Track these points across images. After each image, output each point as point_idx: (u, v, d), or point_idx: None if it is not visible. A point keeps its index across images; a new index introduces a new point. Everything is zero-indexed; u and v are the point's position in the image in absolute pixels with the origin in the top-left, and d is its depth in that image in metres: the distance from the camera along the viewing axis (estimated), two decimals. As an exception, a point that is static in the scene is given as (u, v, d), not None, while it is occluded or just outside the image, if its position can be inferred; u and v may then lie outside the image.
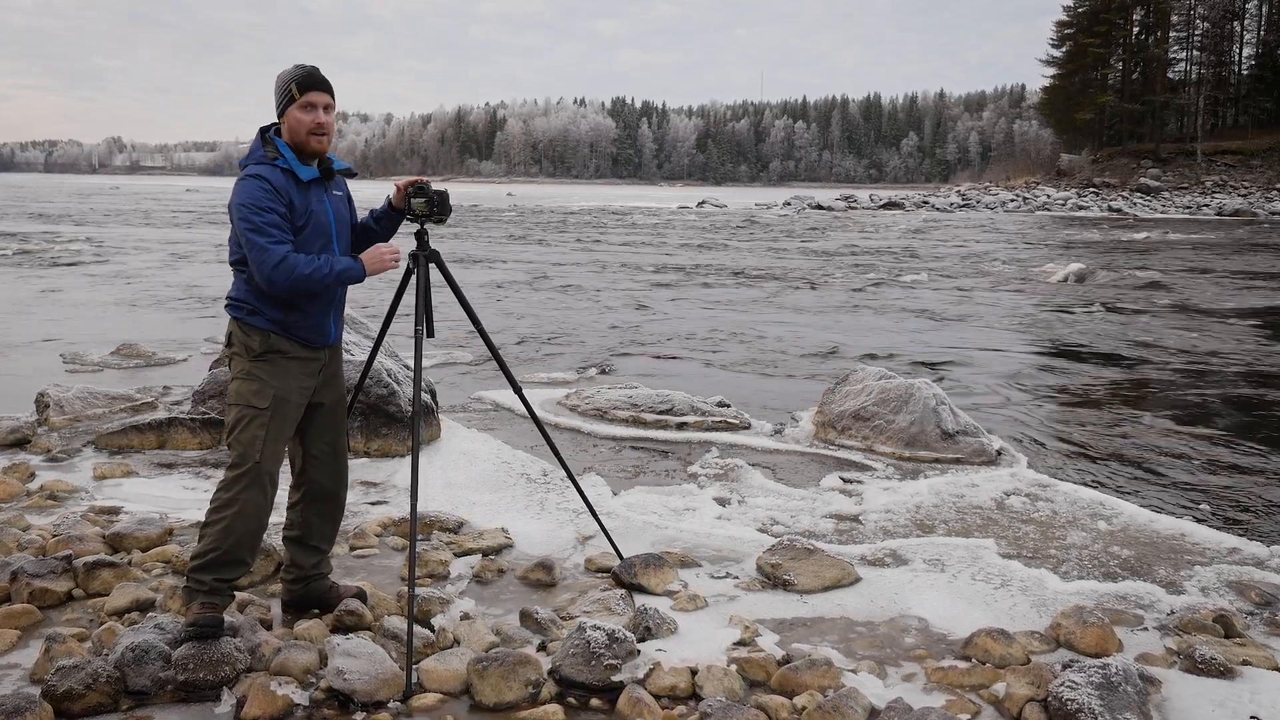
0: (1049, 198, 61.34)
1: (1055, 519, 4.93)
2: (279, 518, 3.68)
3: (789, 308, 14.32)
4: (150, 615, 3.45)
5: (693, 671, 3.15)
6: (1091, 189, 64.56)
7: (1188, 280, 18.57)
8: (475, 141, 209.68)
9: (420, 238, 3.53)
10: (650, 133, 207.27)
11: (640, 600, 3.73)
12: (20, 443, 5.88)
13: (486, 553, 4.30)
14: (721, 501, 5.15)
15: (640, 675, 3.11)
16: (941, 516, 4.95)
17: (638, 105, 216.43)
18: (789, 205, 59.50)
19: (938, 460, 5.99)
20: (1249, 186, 61.97)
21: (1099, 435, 6.99)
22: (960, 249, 27.03)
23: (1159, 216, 50.23)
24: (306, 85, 3.24)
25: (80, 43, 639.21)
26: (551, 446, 4.04)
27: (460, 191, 76.95)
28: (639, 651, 3.22)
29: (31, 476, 5.26)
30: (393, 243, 3.49)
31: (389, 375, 5.89)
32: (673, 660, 3.23)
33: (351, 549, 4.30)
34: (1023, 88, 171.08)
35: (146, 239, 26.40)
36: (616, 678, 3.09)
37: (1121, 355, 10.44)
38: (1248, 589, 4.01)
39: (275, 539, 3.87)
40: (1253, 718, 2.93)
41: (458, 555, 4.25)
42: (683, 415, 6.87)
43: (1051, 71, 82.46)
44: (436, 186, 3.50)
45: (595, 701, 3.04)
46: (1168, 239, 32.02)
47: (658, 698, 3.03)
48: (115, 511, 4.68)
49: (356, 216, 3.58)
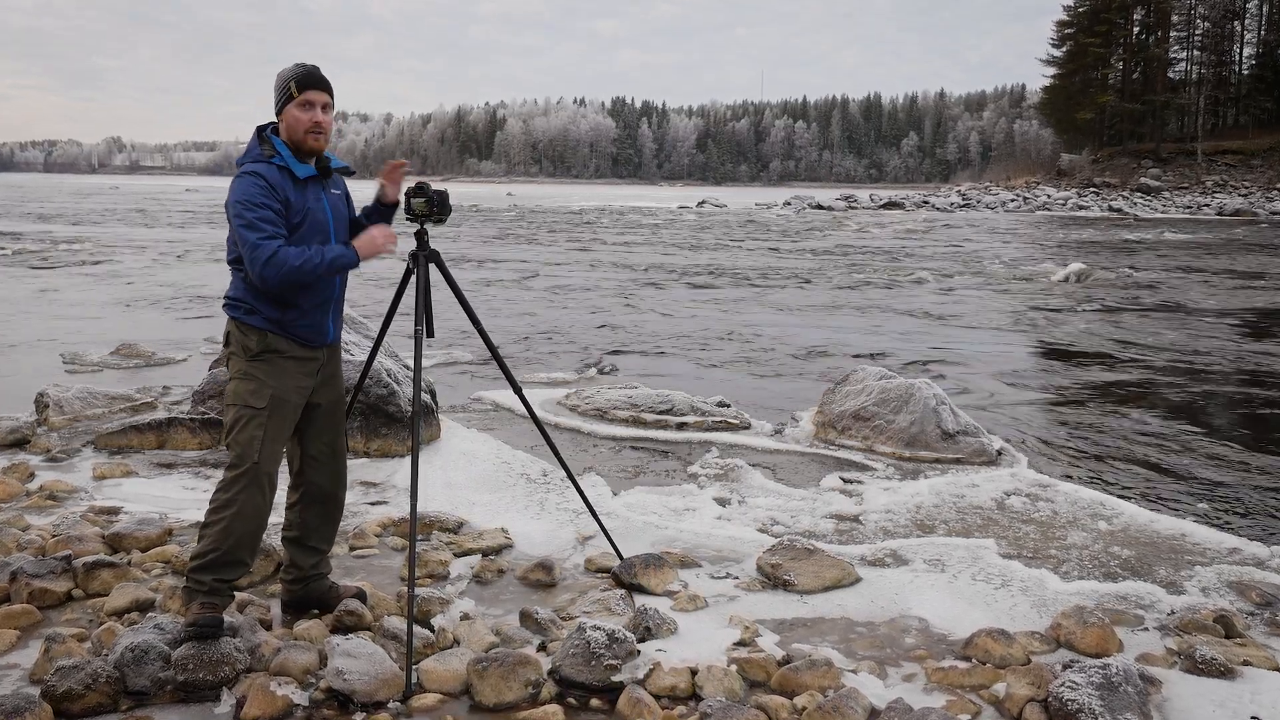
0: (1049, 198, 61.34)
1: (1055, 519, 4.93)
2: (278, 518, 3.67)
3: (789, 308, 14.32)
4: (150, 615, 3.45)
5: (693, 672, 3.15)
6: (1092, 189, 64.57)
7: (1188, 280, 18.58)
8: (475, 141, 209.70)
9: (420, 238, 3.53)
10: (650, 132, 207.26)
11: (640, 600, 3.72)
12: (20, 443, 5.87)
13: (486, 553, 4.29)
14: (721, 501, 5.14)
15: (640, 675, 3.11)
16: (942, 516, 4.95)
17: (638, 105, 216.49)
18: (789, 205, 59.49)
19: (938, 460, 5.98)
20: (1249, 186, 62.00)
21: (1099, 435, 6.98)
22: (960, 249, 27.03)
23: (1159, 216, 50.24)
24: (305, 83, 3.24)
25: (80, 43, 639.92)
26: (551, 446, 4.04)
27: (460, 191, 76.95)
28: (639, 652, 3.22)
29: (31, 476, 5.26)
30: (389, 228, 3.43)
31: (389, 375, 5.89)
32: (673, 660, 3.23)
33: (351, 549, 4.29)
34: (1023, 87, 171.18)
35: (145, 239, 26.40)
36: (616, 678, 3.08)
37: (1122, 355, 10.44)
38: (1248, 589, 4.01)
39: (275, 539, 3.87)
40: (1253, 718, 2.93)
41: (457, 555, 4.25)
42: (683, 415, 6.87)
43: (1052, 71, 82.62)
44: (436, 186, 3.50)
45: (595, 702, 3.03)
46: (1168, 239, 32.02)
47: (658, 698, 3.03)
48: (115, 512, 4.68)
49: (355, 215, 3.57)
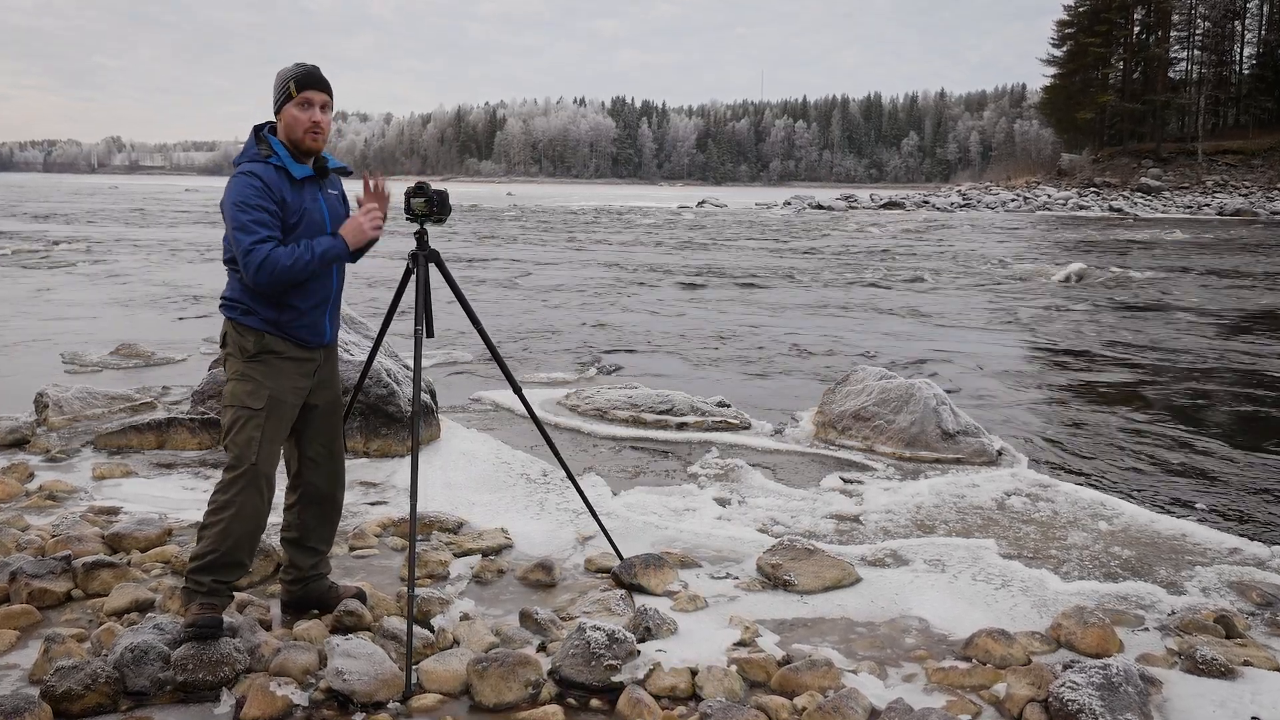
0: (1050, 197, 61.31)
1: (1056, 519, 4.93)
2: (278, 518, 3.67)
3: (789, 307, 14.31)
4: (149, 616, 3.44)
5: (693, 672, 3.15)
6: (1092, 189, 64.55)
7: (1188, 280, 18.57)
8: (475, 141, 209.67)
9: (420, 237, 3.53)
10: (650, 132, 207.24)
11: (640, 601, 3.72)
12: (19, 443, 5.87)
13: (486, 553, 4.29)
14: (722, 502, 5.14)
15: (640, 676, 3.11)
16: (942, 517, 4.94)
17: (638, 105, 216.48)
18: (789, 205, 59.48)
19: (938, 460, 5.98)
20: (1250, 186, 62.00)
21: (1100, 435, 6.98)
22: (961, 249, 27.03)
23: (1160, 216, 50.25)
24: (304, 83, 3.24)
25: (80, 43, 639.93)
26: (551, 446, 4.04)
27: (460, 191, 76.97)
28: (639, 652, 3.22)
29: (30, 477, 5.25)
30: (374, 212, 3.30)
31: (389, 375, 5.89)
32: (673, 661, 3.22)
33: (351, 549, 4.29)
34: (1023, 87, 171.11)
35: (143, 238, 26.39)
36: (616, 678, 3.08)
37: (1122, 355, 10.44)
38: (1249, 589, 4.01)
39: (274, 539, 3.87)
40: (1254, 718, 2.93)
41: (457, 556, 4.24)
42: (683, 415, 6.87)
43: (1052, 71, 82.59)
44: (436, 186, 3.50)
45: (595, 702, 3.03)
46: (1169, 239, 32.01)
47: (658, 698, 3.02)
48: (114, 512, 4.68)
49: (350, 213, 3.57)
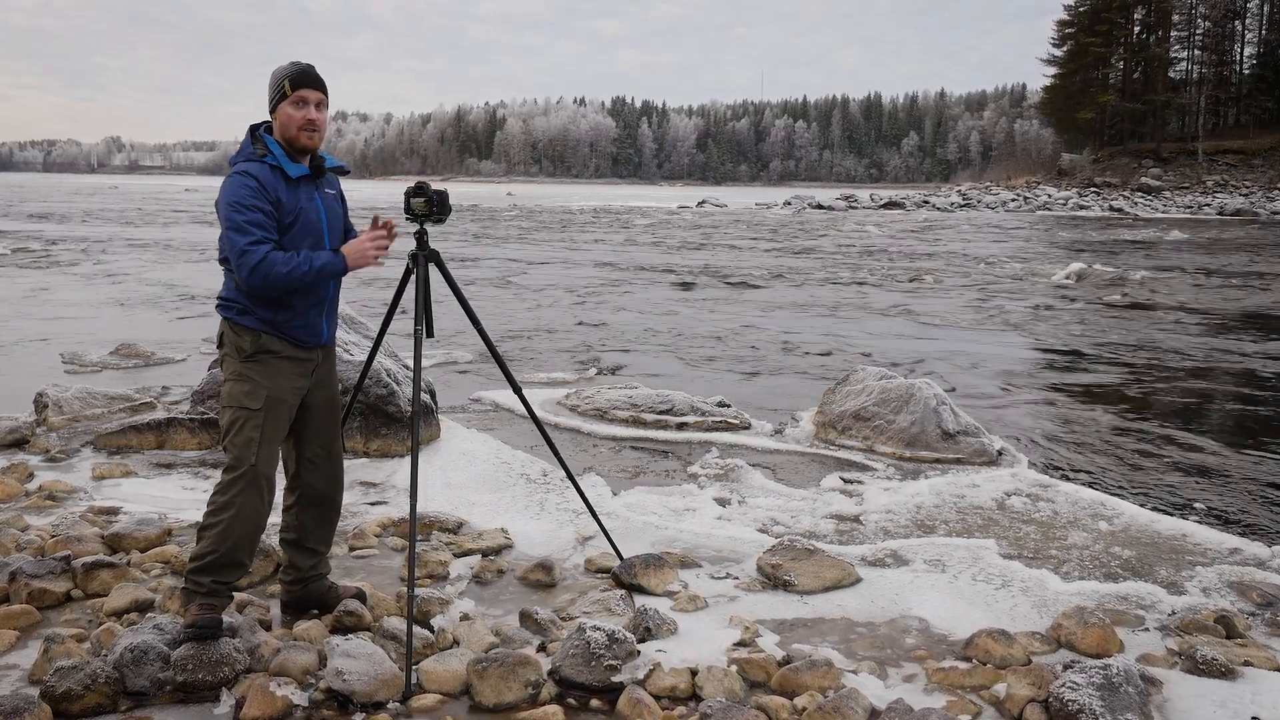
0: (1050, 197, 61.30)
1: (1056, 519, 4.92)
2: (277, 518, 3.67)
3: (788, 307, 14.31)
4: (149, 616, 3.44)
5: (693, 672, 3.14)
6: (1093, 189, 64.54)
7: (1188, 280, 18.57)
8: (475, 141, 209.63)
9: (420, 237, 3.53)
10: (650, 132, 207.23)
11: (640, 601, 3.72)
12: (19, 443, 5.87)
13: (486, 553, 4.29)
14: (722, 502, 5.14)
15: (640, 676, 3.10)
16: (942, 517, 4.94)
17: (638, 105, 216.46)
18: (789, 205, 59.47)
19: (938, 460, 5.98)
20: (1250, 186, 61.99)
21: (1100, 435, 6.98)
22: (961, 249, 27.02)
23: (1160, 216, 50.24)
24: (299, 82, 3.23)
25: (80, 42, 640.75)
26: (551, 446, 4.04)
27: (460, 191, 76.98)
28: (639, 652, 3.22)
29: (30, 477, 5.25)
30: (381, 240, 3.28)
31: (388, 375, 5.89)
32: (673, 661, 3.22)
33: (351, 549, 4.29)
34: (1023, 87, 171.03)
35: (143, 238, 26.39)
36: (616, 678, 3.08)
37: (1122, 355, 10.44)
38: (1249, 589, 4.00)
39: (274, 540, 3.86)
40: (1254, 718, 2.92)
41: (457, 556, 4.24)
42: (683, 415, 6.86)
43: (1052, 71, 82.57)
44: (436, 186, 3.50)
45: (595, 702, 3.03)
46: (1169, 239, 32.01)
47: (658, 698, 3.02)
48: (114, 512, 4.67)
49: (349, 214, 3.56)
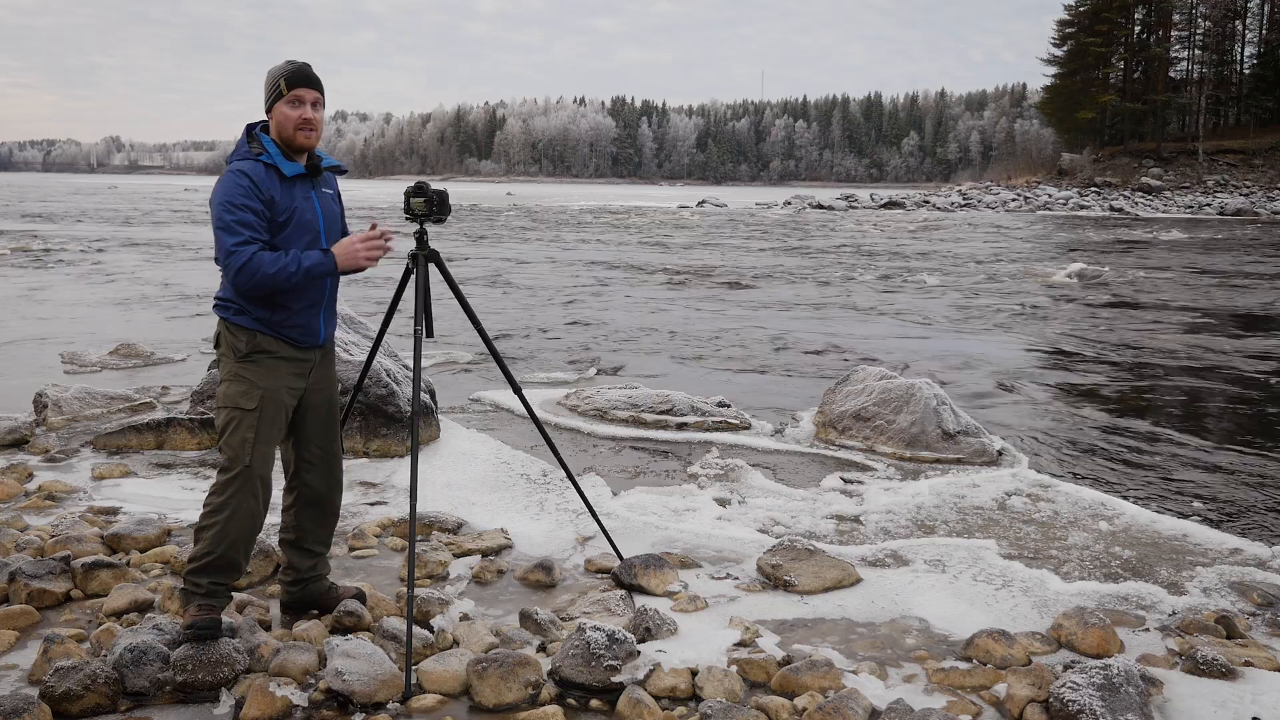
0: (1050, 197, 61.25)
1: (1056, 519, 4.92)
2: (277, 519, 3.67)
3: (789, 307, 14.31)
4: (149, 616, 3.44)
5: (693, 673, 3.14)
6: (1093, 188, 64.51)
7: (1189, 280, 18.57)
8: (475, 141, 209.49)
9: (419, 237, 3.52)
10: (650, 132, 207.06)
11: (640, 601, 3.72)
12: (18, 443, 5.87)
13: (486, 554, 4.29)
14: (722, 502, 5.13)
15: (640, 676, 3.10)
16: (942, 517, 4.94)
17: (637, 104, 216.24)
18: (789, 205, 59.42)
19: (939, 460, 5.97)
20: (1250, 186, 61.99)
21: (1100, 435, 6.97)
22: (961, 249, 27.02)
23: (1160, 216, 50.23)
24: (295, 81, 3.23)
25: (78, 41, 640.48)
26: (551, 447, 4.03)
27: (459, 191, 76.96)
28: (639, 653, 3.21)
29: (30, 477, 5.25)
30: (375, 243, 3.24)
31: (388, 375, 5.88)
32: (673, 661, 3.22)
33: (350, 550, 4.29)
34: (1024, 87, 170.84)
35: (142, 238, 26.39)
36: (616, 679, 3.08)
37: (1122, 355, 10.43)
38: (1250, 590, 4.00)
39: (273, 540, 3.86)
40: (1254, 719, 2.92)
41: (457, 556, 4.24)
42: (683, 415, 6.86)
43: (1053, 70, 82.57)
44: (435, 186, 3.50)
45: (595, 703, 3.03)
46: (1169, 239, 32.01)
47: (658, 699, 3.02)
48: (113, 512, 4.67)
49: (344, 213, 3.56)
